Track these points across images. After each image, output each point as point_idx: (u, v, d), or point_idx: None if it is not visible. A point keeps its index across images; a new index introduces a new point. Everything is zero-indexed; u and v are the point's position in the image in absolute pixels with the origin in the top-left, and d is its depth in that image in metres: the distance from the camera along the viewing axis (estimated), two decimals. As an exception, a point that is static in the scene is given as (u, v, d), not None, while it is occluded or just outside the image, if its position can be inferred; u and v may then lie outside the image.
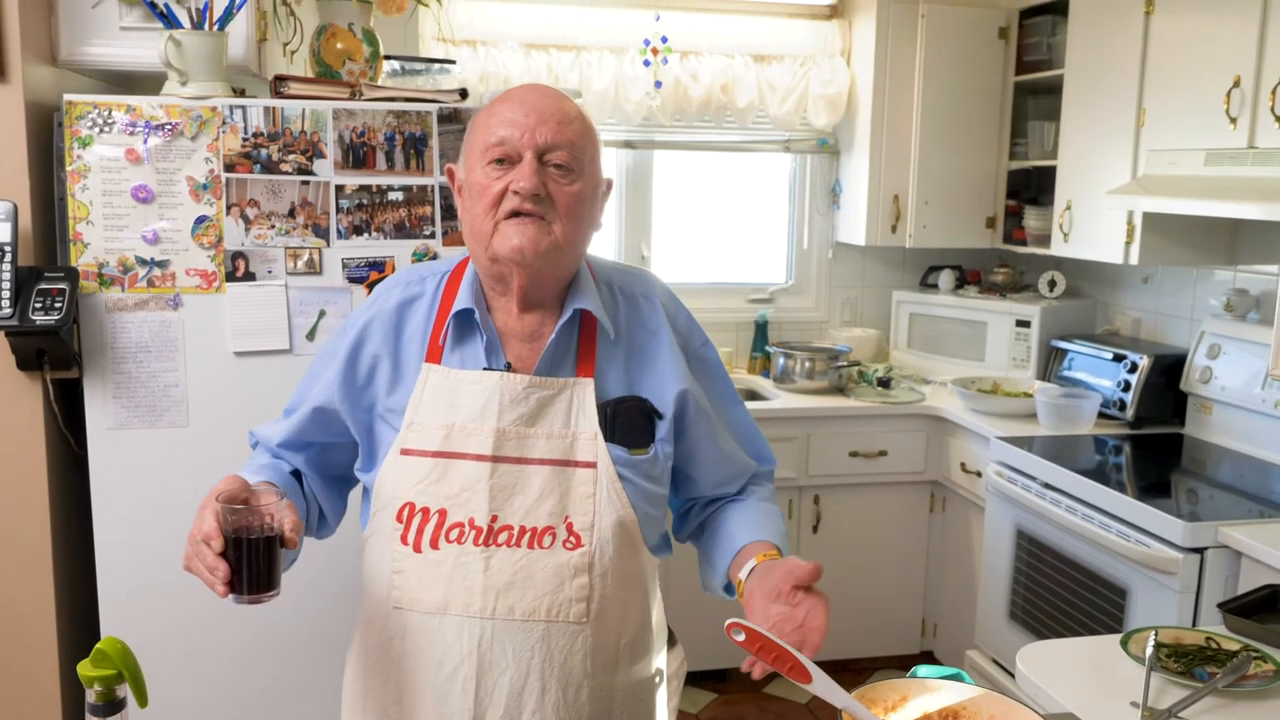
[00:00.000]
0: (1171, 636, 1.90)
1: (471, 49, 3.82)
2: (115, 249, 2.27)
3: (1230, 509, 2.78)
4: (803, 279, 4.45)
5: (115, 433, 2.31)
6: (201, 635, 2.40)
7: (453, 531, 1.47)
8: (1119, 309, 3.94)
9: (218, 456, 2.31)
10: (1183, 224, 3.25)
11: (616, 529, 1.50)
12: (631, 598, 1.57)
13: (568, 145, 1.45)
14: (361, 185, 2.34)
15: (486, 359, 1.50)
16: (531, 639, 1.48)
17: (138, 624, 2.33)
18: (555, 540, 1.48)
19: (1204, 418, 3.37)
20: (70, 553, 2.47)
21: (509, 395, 1.48)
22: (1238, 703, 1.69)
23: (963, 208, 4.06)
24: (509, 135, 1.43)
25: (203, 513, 1.33)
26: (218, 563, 1.29)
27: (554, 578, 1.48)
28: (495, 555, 1.47)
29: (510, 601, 1.47)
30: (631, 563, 1.55)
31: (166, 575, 2.36)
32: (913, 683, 1.49)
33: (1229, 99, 2.88)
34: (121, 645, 1.15)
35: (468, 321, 1.52)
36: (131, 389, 2.30)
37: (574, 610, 1.49)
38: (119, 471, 2.33)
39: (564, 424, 1.50)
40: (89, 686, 1.15)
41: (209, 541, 1.30)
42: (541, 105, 1.46)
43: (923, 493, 3.90)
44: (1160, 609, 2.65)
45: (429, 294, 1.57)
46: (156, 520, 2.35)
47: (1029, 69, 3.94)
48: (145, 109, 2.24)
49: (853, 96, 4.14)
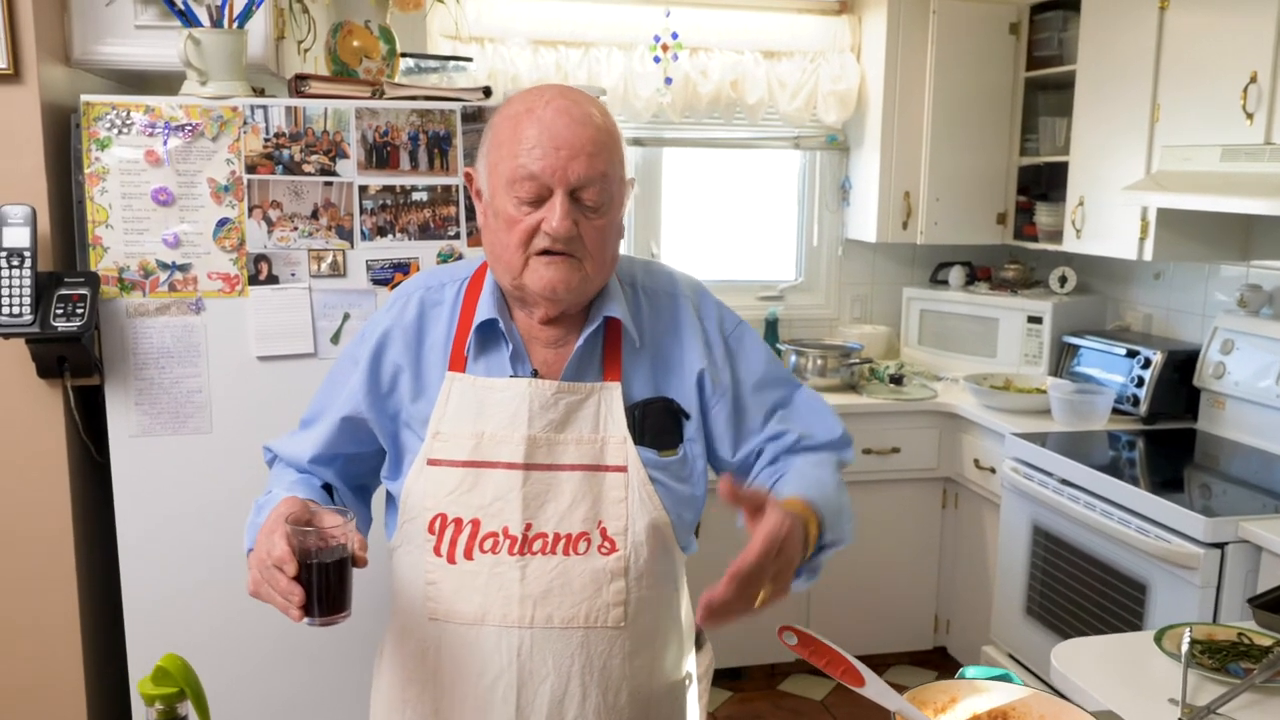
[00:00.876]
0: (1204, 633, 1.90)
1: (480, 46, 3.80)
2: (136, 253, 2.24)
3: (1246, 504, 2.78)
4: (813, 276, 4.44)
5: (138, 440, 2.29)
6: (226, 643, 2.38)
7: (486, 541, 1.46)
8: (1130, 305, 3.94)
9: (242, 463, 2.29)
10: (1197, 220, 3.25)
11: (650, 532, 1.49)
12: (666, 598, 1.57)
13: (599, 180, 1.40)
14: (385, 186, 2.32)
15: (512, 366, 1.48)
16: (571, 646, 1.47)
17: (162, 633, 2.31)
18: (590, 546, 1.47)
19: (1217, 413, 3.37)
20: (94, 562, 2.45)
21: (538, 402, 1.46)
22: (1274, 698, 1.68)
23: (973, 204, 4.06)
24: (539, 171, 1.37)
25: (271, 536, 1.30)
26: (292, 587, 1.26)
27: (591, 584, 1.47)
28: (531, 564, 1.46)
29: (548, 610, 1.46)
30: (665, 564, 1.54)
31: (191, 583, 2.35)
32: (962, 684, 1.49)
33: (1245, 95, 2.87)
34: (182, 662, 1.14)
35: (491, 330, 1.50)
36: (154, 395, 2.28)
37: (612, 615, 1.48)
38: (142, 479, 2.31)
39: (593, 429, 1.48)
40: (150, 705, 1.14)
41: (282, 566, 1.26)
42: (572, 137, 1.38)
43: (935, 489, 3.89)
44: (1181, 604, 2.65)
45: (449, 301, 1.54)
46: (180, 528, 2.33)
47: (1040, 64, 3.94)
48: (165, 109, 2.21)
49: (863, 93, 4.13)
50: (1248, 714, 1.62)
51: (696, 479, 1.56)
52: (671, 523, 1.51)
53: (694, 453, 1.54)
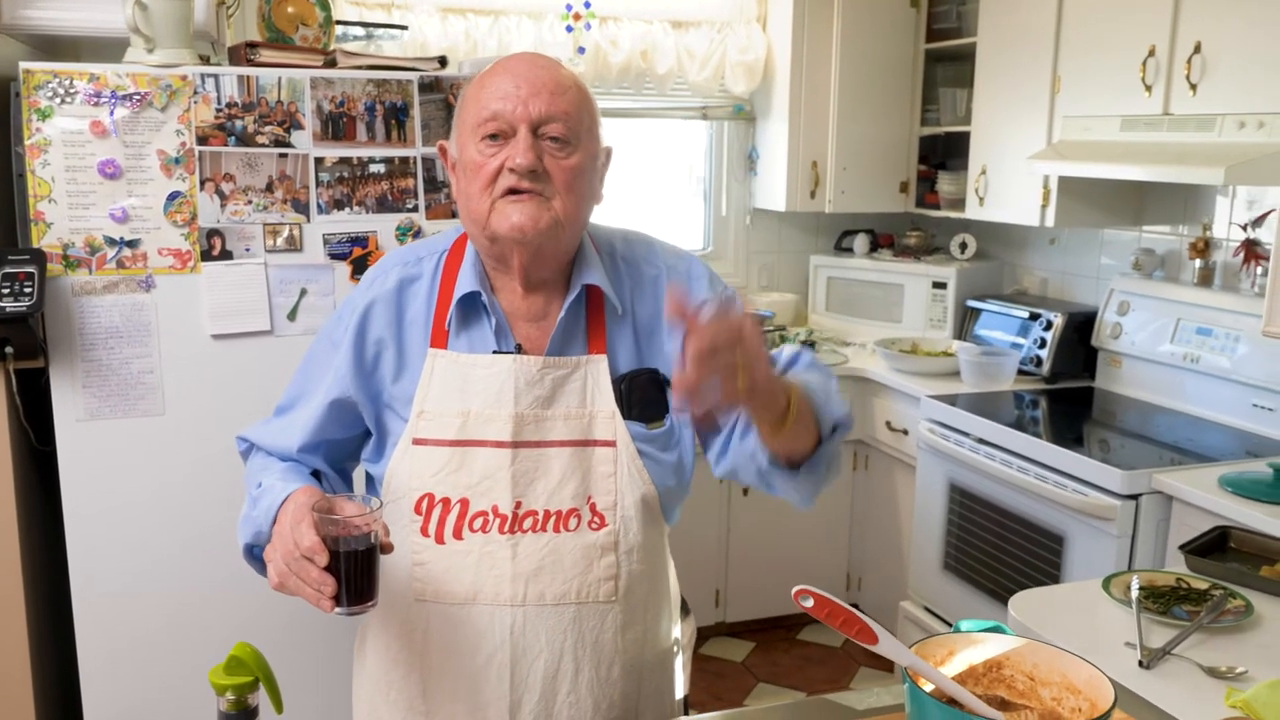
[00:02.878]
0: (1145, 579, 2.02)
1: (386, 13, 3.69)
2: (81, 229, 2.14)
3: (1149, 457, 2.93)
4: (721, 245, 4.50)
5: (85, 424, 2.19)
6: (180, 636, 2.30)
7: (476, 520, 1.44)
8: (1027, 269, 4.12)
9: (197, 445, 2.22)
10: (1095, 187, 3.42)
11: (639, 506, 1.49)
12: (655, 570, 1.57)
13: (563, 116, 1.39)
14: (342, 158, 2.26)
15: (496, 342, 1.46)
16: (564, 622, 1.47)
17: (114, 626, 2.23)
18: (580, 522, 1.46)
19: (1114, 371, 3.56)
20: (39, 554, 2.34)
21: (524, 378, 1.45)
22: (1217, 637, 1.81)
23: (878, 173, 4.17)
24: (501, 109, 1.38)
25: (299, 527, 1.26)
26: (325, 577, 1.23)
27: (582, 560, 1.46)
28: (522, 542, 1.45)
29: (540, 587, 1.45)
30: (653, 536, 1.55)
31: (143, 571, 2.27)
32: (958, 637, 1.54)
33: (1145, 68, 3.03)
34: (254, 650, 1.11)
35: (473, 304, 1.47)
36: (102, 377, 2.18)
37: (603, 590, 1.48)
38: (90, 465, 2.21)
39: (580, 403, 1.47)
40: (220, 694, 1.10)
41: (313, 556, 1.24)
42: (534, 75, 1.40)
43: (846, 452, 4.01)
44: (1098, 554, 2.81)
45: (427, 275, 1.50)
46: (131, 514, 2.24)
47: (939, 37, 4.06)
48: (110, 78, 2.11)
49: (769, 63, 4.18)
50: (1196, 652, 1.73)
51: (684, 448, 1.56)
52: (659, 496, 1.52)
53: (680, 421, 1.54)
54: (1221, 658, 1.71)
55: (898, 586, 3.78)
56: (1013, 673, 1.29)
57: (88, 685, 2.27)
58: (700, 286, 1.60)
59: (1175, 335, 3.31)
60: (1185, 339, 3.28)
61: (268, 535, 1.35)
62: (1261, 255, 3.11)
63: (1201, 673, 1.66)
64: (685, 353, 1.15)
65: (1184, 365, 3.26)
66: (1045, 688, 1.25)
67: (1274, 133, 2.67)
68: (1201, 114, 2.88)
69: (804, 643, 4.00)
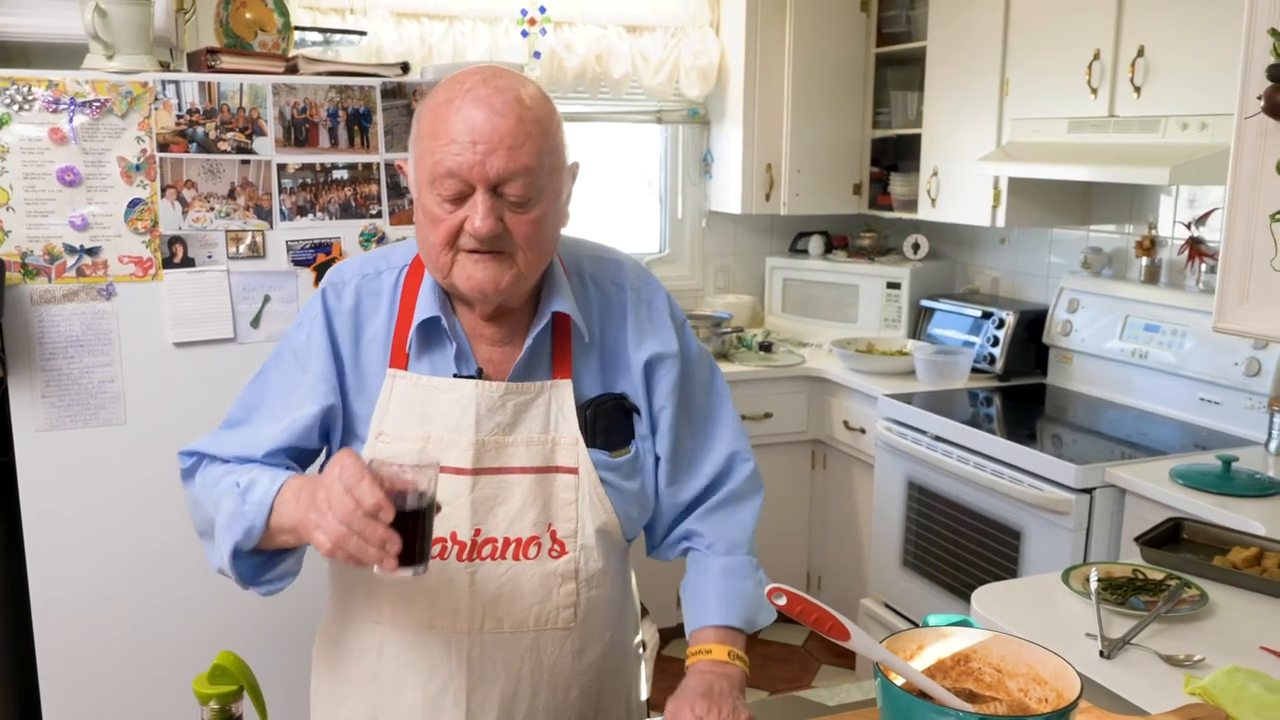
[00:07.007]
0: (1103, 571, 2.06)
1: (340, 17, 3.68)
2: (40, 236, 2.11)
3: (1101, 451, 2.99)
4: (677, 248, 4.53)
5: (45, 435, 2.16)
6: (142, 648, 2.28)
7: (434, 547, 1.36)
8: (978, 269, 4.19)
9: (159, 454, 2.20)
10: (1043, 188, 3.50)
11: (599, 535, 1.47)
12: (616, 592, 1.56)
13: (523, 172, 1.30)
14: (304, 164, 2.25)
15: (456, 365, 1.42)
16: (521, 648, 1.45)
17: (75, 638, 2.20)
18: (541, 550, 1.44)
19: (1065, 368, 3.63)
20: (-3, 566, 2.31)
21: (485, 404, 1.41)
22: (1174, 626, 1.85)
23: (831, 175, 4.22)
24: (457, 166, 1.29)
25: (359, 484, 1.16)
26: (391, 534, 1.16)
27: (541, 588, 1.44)
28: (480, 569, 1.42)
29: (499, 614, 1.43)
30: (614, 560, 1.53)
31: (104, 582, 2.24)
32: (927, 632, 1.56)
33: (1090, 71, 3.10)
34: (236, 658, 1.11)
35: (434, 327, 1.43)
36: (62, 387, 2.15)
37: (562, 616, 1.46)
38: (50, 475, 2.18)
39: (543, 429, 1.44)
40: (204, 704, 1.10)
41: (377, 514, 1.15)
42: (490, 127, 1.29)
43: (804, 451, 4.05)
44: (1054, 548, 2.86)
45: (387, 291, 1.46)
46: (94, 526, 2.22)
47: (889, 41, 4.12)
48: (69, 84, 2.09)
49: (723, 67, 4.22)
50: (1155, 641, 1.77)
51: (647, 476, 1.54)
52: (620, 524, 1.50)
53: (644, 449, 1.52)
54: (1179, 646, 1.75)
55: (857, 584, 3.82)
56: (980, 665, 1.30)
57: (48, 698, 2.24)
58: (661, 319, 1.55)
59: (1124, 332, 3.38)
60: (1133, 335, 3.35)
61: (261, 529, 1.32)
62: (1206, 253, 3.19)
63: (1161, 661, 1.70)
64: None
65: (1133, 361, 3.33)
66: (1012, 679, 1.27)
67: (1216, 134, 2.74)
68: (1146, 116, 2.95)
69: (766, 641, 4.03)
